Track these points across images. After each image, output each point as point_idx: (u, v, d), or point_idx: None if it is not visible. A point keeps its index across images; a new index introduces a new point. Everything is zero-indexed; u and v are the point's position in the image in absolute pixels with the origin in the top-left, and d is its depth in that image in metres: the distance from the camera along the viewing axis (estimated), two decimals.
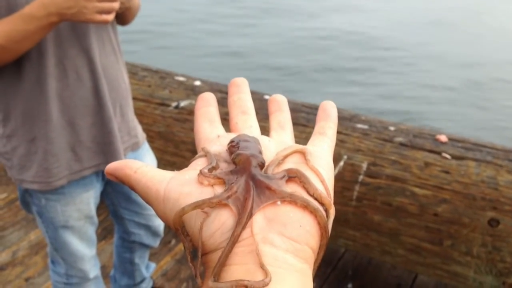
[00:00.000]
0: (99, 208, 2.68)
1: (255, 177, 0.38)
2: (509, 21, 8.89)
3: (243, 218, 0.35)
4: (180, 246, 2.46)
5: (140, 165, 0.42)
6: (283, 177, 0.39)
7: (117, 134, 1.50)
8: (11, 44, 1.25)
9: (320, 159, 0.42)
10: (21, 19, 1.24)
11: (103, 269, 2.31)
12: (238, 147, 0.41)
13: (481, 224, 1.89)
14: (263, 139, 0.45)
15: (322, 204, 0.38)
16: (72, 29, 1.37)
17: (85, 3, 1.25)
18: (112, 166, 0.42)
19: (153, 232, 1.82)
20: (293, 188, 0.38)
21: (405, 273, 2.30)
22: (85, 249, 1.62)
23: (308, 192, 0.38)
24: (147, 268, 2.00)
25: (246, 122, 0.48)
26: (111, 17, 1.31)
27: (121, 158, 1.49)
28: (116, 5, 1.31)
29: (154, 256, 2.38)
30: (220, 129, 0.47)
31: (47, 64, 1.35)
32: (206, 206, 0.36)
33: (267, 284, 0.32)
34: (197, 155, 0.44)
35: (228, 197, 0.37)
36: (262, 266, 0.33)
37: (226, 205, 0.36)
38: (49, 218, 1.51)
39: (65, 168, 1.45)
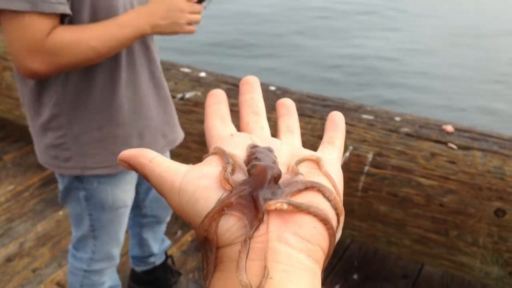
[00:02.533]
0: None
1: (262, 196, 0.37)
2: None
3: (254, 222, 0.36)
4: (186, 237, 2.46)
5: (155, 155, 0.42)
6: (297, 189, 0.39)
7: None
8: (105, 49, 1.29)
9: (331, 167, 0.43)
10: (117, 26, 1.29)
11: None
12: (255, 158, 0.41)
13: (487, 214, 1.89)
14: (275, 142, 0.46)
15: (335, 208, 0.39)
16: None
17: (180, 15, 1.33)
18: (126, 153, 0.42)
19: (165, 205, 1.86)
20: (308, 196, 0.39)
21: (411, 263, 2.30)
22: (121, 233, 1.67)
23: (324, 195, 0.39)
24: (161, 244, 2.02)
25: (258, 123, 0.49)
26: (195, 27, 1.42)
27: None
28: (200, 17, 1.41)
29: None
30: (232, 127, 0.48)
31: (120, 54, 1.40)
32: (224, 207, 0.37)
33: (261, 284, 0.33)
34: (210, 153, 0.44)
35: (229, 205, 0.37)
36: (266, 264, 0.34)
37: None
38: (98, 200, 1.55)
39: None
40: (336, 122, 0.50)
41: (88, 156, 1.47)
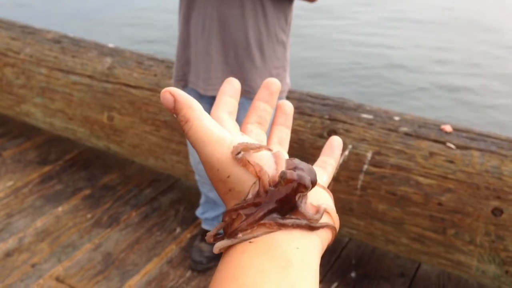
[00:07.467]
0: (105, 196, 2.72)
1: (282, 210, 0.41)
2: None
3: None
4: (186, 234, 2.47)
5: (202, 108, 0.42)
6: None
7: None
8: None
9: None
10: None
11: (109, 256, 2.33)
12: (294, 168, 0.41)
13: (485, 214, 1.90)
14: None
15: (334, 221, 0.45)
16: None
17: None
18: (177, 90, 0.42)
19: None
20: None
21: (408, 262, 2.32)
22: None
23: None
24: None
25: (259, 136, 0.49)
26: None
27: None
28: None
29: (159, 243, 2.41)
30: (237, 125, 0.48)
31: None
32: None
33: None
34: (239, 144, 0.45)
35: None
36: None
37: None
38: None
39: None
40: (333, 149, 0.52)
41: None
